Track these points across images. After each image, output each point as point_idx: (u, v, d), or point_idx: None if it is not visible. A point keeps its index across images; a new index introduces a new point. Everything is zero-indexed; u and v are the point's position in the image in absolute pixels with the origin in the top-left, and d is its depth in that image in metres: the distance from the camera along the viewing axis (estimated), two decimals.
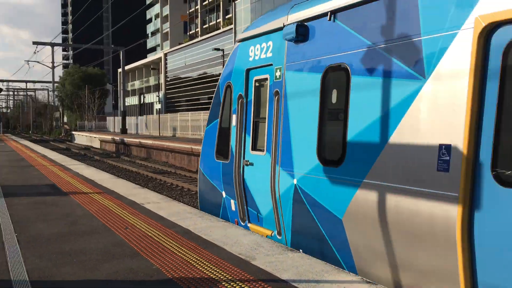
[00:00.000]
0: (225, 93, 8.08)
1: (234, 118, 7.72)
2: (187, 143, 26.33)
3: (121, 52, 52.31)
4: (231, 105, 7.83)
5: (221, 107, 8.17)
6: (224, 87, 8.11)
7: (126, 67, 74.91)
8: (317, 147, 5.78)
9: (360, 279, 4.54)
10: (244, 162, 7.40)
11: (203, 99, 62.04)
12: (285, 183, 6.31)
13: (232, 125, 7.77)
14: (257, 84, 7.23)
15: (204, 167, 8.70)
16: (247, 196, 7.36)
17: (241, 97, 7.58)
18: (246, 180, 7.35)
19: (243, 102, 7.53)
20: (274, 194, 6.59)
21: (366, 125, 5.03)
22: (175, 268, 4.91)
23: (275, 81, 6.66)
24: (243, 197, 7.45)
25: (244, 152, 7.44)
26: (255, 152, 7.16)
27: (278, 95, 6.59)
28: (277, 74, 6.64)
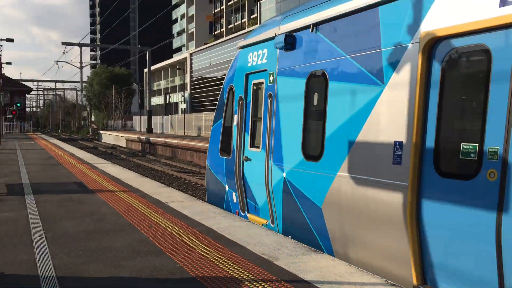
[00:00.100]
0: (228, 95, 8.75)
1: (235, 118, 8.41)
2: None
3: (147, 52, 52.91)
4: (233, 106, 8.52)
5: (225, 108, 8.86)
6: (227, 90, 8.79)
7: (152, 67, 75.78)
8: (302, 144, 6.46)
9: (385, 282, 4.48)
10: (244, 158, 8.04)
11: None
12: (276, 176, 6.98)
13: (234, 124, 8.45)
14: (255, 87, 7.92)
15: (210, 163, 9.36)
16: (246, 189, 8.00)
17: (241, 99, 8.25)
18: (245, 174, 7.98)
19: (243, 104, 8.20)
20: (268, 186, 7.25)
21: (339, 125, 5.76)
22: (198, 267, 4.94)
23: (269, 85, 7.34)
24: (243, 190, 8.10)
25: (244, 149, 8.07)
26: (253, 149, 7.81)
27: (271, 98, 7.26)
28: (271, 79, 7.32)
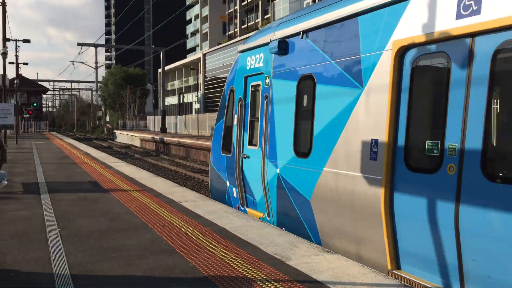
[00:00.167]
0: (229, 96, 9.26)
1: (235, 118, 8.90)
2: None
3: (161, 53, 53.21)
4: (233, 107, 9.01)
5: (226, 108, 9.35)
6: (228, 91, 9.28)
7: (166, 67, 76.11)
8: (293, 142, 6.94)
9: (398, 283, 4.44)
10: (243, 156, 8.51)
11: None
12: (271, 172, 7.46)
13: (234, 124, 8.94)
14: (253, 89, 8.41)
15: (213, 160, 9.87)
16: (245, 185, 8.46)
17: (241, 100, 8.74)
18: (244, 171, 8.46)
19: (242, 104, 8.69)
20: (264, 182, 7.73)
21: (326, 124, 6.23)
22: (211, 266, 4.95)
23: (265, 87, 7.85)
24: (242, 185, 8.57)
25: (243, 147, 8.55)
26: (251, 147, 8.29)
27: (267, 99, 7.74)
28: (266, 81, 7.82)
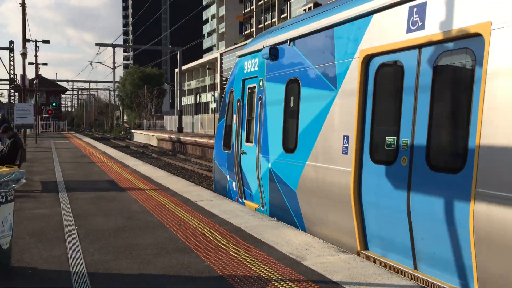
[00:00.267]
0: (229, 97, 10.00)
1: (235, 117, 9.64)
2: None
3: (178, 53, 53.47)
4: (233, 107, 9.77)
5: (227, 109, 10.13)
6: (229, 93, 10.03)
7: (183, 67, 76.52)
8: (282, 139, 7.68)
9: (415, 284, 4.39)
10: (241, 152, 9.22)
11: None
12: (264, 167, 8.20)
13: (233, 123, 9.69)
14: (250, 91, 9.15)
15: (216, 156, 10.65)
16: (243, 178, 9.20)
17: (239, 101, 9.49)
18: (242, 166, 9.18)
19: (241, 105, 9.43)
20: (258, 175, 8.43)
21: (308, 123, 6.98)
22: (226, 266, 4.95)
23: (259, 89, 8.62)
24: (240, 179, 9.30)
25: (241, 144, 9.28)
26: (248, 144, 9.00)
27: (261, 100, 8.50)
28: (260, 84, 8.59)
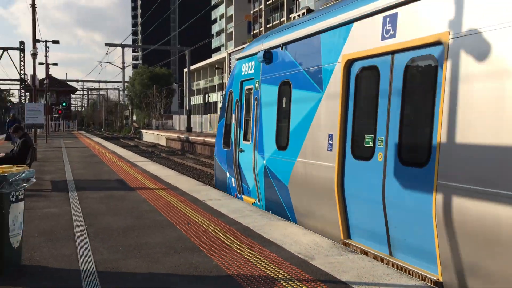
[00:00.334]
0: (229, 98, 10.51)
1: (234, 117, 10.14)
2: None
3: (187, 52, 53.55)
4: (232, 107, 10.27)
5: (226, 109, 10.64)
6: (228, 93, 10.56)
7: (192, 67, 76.66)
8: (276, 137, 8.19)
9: (424, 284, 4.37)
10: (239, 150, 9.74)
11: None
12: (260, 163, 8.69)
13: (232, 122, 10.20)
14: (247, 92, 9.67)
15: (216, 154, 11.21)
16: (241, 175, 9.68)
17: (238, 102, 10.00)
18: (240, 163, 9.68)
19: (239, 105, 9.94)
20: (254, 172, 8.92)
21: (298, 122, 7.45)
22: (234, 265, 4.96)
23: (255, 90, 9.14)
24: (239, 176, 9.80)
25: (239, 142, 9.77)
26: (245, 142, 9.50)
27: (257, 101, 9.01)
28: (256, 85, 9.10)
